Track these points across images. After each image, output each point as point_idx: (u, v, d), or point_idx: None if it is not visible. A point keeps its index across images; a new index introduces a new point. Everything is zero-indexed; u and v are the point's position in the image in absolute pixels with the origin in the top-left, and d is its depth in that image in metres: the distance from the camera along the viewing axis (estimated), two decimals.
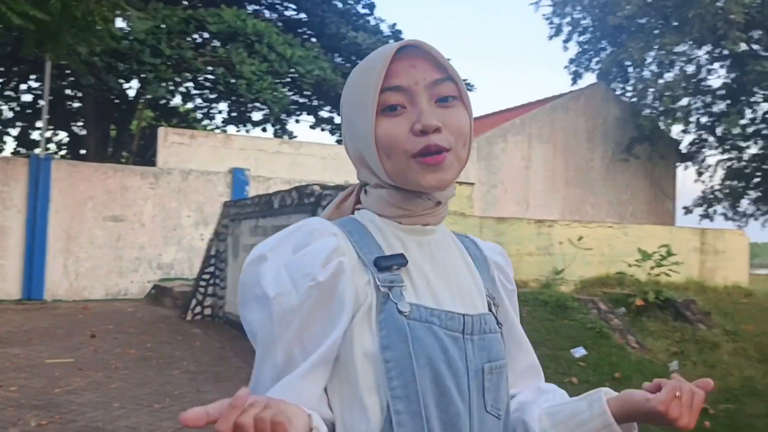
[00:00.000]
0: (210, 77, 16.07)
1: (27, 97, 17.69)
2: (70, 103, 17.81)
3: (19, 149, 18.24)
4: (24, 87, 17.15)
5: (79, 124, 18.59)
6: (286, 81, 16.05)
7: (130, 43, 13.30)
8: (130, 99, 17.13)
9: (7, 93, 17.27)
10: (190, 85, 17.53)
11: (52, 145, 20.24)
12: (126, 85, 15.97)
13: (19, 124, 18.49)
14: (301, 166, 15.01)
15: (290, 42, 15.33)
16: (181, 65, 14.49)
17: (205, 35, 15.54)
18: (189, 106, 20.15)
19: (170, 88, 16.75)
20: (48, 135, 18.61)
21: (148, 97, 16.36)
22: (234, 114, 19.00)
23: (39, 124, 16.37)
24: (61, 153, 20.33)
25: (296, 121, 20.63)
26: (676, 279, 9.62)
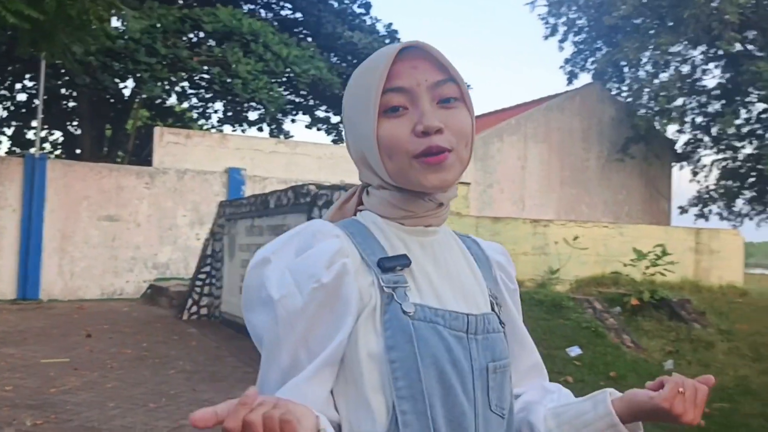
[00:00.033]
0: (205, 77, 16.03)
1: (22, 97, 17.69)
2: (65, 103, 17.77)
3: (14, 149, 18.18)
4: (19, 86, 17.12)
5: (75, 123, 18.56)
6: (281, 81, 16.04)
7: (126, 43, 13.28)
8: (126, 98, 17.10)
9: (1, 92, 17.24)
10: (185, 84, 17.49)
11: (47, 145, 20.20)
12: (121, 85, 15.94)
13: (14, 123, 18.47)
14: (297, 166, 15.00)
15: (286, 41, 15.32)
16: (176, 64, 14.47)
17: (201, 34, 15.52)
18: (185, 105, 20.10)
19: (166, 88, 16.71)
20: (43, 134, 18.56)
21: (144, 96, 16.33)
22: (230, 113, 18.96)
23: (34, 123, 16.34)
24: (57, 152, 20.28)
25: (292, 121, 20.62)
26: (671, 278, 9.66)
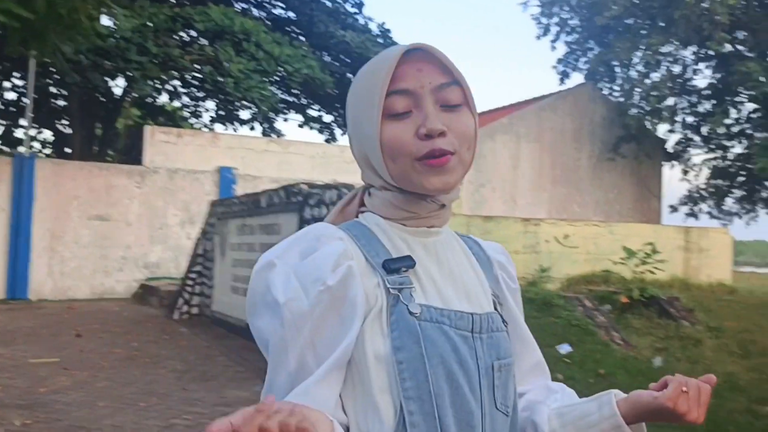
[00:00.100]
0: (197, 75, 15.99)
1: (11, 95, 17.58)
2: (55, 101, 17.68)
3: (3, 148, 18.06)
4: (8, 84, 17.00)
5: (64, 122, 18.46)
6: (274, 79, 16.00)
7: (116, 41, 13.21)
8: (117, 97, 17.01)
9: None
10: (177, 83, 17.45)
11: (36, 144, 20.09)
12: (112, 83, 15.88)
13: (2, 122, 18.34)
14: (289, 165, 14.98)
15: (278, 40, 15.29)
16: (167, 63, 14.42)
17: (192, 33, 15.46)
18: (176, 104, 20.04)
19: (157, 87, 16.67)
20: (32, 133, 18.45)
21: (135, 95, 16.27)
22: (221, 112, 18.92)
23: (23, 122, 16.22)
24: (46, 151, 20.17)
25: (284, 120, 20.72)
26: (660, 276, 9.72)
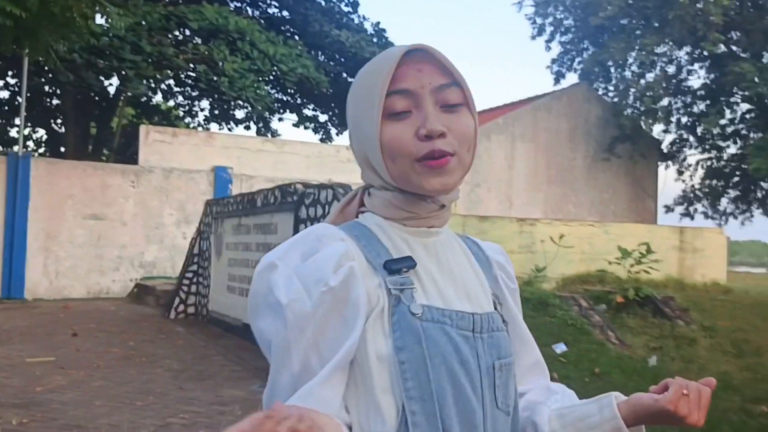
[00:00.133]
0: (192, 75, 15.95)
1: (4, 94, 17.53)
2: (48, 100, 17.62)
3: None
4: (1, 83, 16.93)
5: (59, 121, 18.39)
6: (268, 79, 15.99)
7: (110, 40, 13.18)
8: (111, 96, 16.96)
9: None
10: (171, 82, 17.41)
11: (30, 143, 20.00)
12: (106, 83, 15.83)
13: None
14: (285, 165, 14.97)
15: (273, 40, 15.28)
16: (162, 62, 14.39)
17: (187, 32, 15.44)
18: (170, 103, 19.99)
19: (151, 86, 16.62)
20: (26, 132, 18.39)
21: (129, 94, 16.22)
22: (216, 112, 18.87)
23: (17, 121, 16.17)
24: (40, 151, 20.09)
25: (279, 120, 20.60)
26: (655, 276, 9.76)
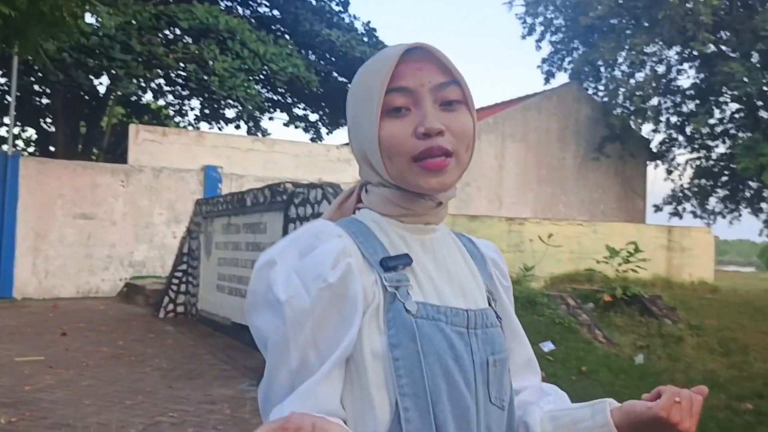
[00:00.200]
0: (182, 74, 15.91)
1: None
2: (38, 99, 17.51)
3: None
4: None
5: (48, 120, 18.29)
6: (259, 78, 15.97)
7: (100, 39, 13.13)
8: (101, 95, 16.89)
9: None
10: (161, 81, 17.35)
11: (20, 142, 19.89)
12: (96, 82, 15.77)
13: None
14: (275, 164, 14.96)
15: (263, 39, 15.26)
16: (152, 61, 14.34)
17: (177, 31, 15.39)
18: (161, 102, 19.92)
19: (141, 85, 16.56)
20: (16, 131, 18.26)
21: (119, 93, 16.16)
22: (206, 111, 18.83)
23: (6, 120, 16.06)
24: (30, 150, 19.98)
25: (270, 119, 20.57)
26: (643, 275, 9.83)
